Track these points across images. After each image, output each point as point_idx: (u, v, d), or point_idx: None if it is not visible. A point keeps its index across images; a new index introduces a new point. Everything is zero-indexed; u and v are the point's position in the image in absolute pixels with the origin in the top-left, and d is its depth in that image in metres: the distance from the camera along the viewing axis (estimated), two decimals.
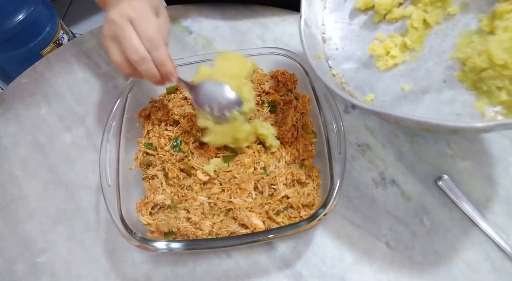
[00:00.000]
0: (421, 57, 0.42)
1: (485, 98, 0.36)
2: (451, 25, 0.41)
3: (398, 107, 0.40)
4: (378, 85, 0.43)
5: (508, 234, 0.47)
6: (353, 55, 0.46)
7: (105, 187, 0.45)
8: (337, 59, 0.47)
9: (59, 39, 1.25)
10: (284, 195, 0.47)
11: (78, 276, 0.48)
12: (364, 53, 0.46)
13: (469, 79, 0.37)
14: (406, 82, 0.41)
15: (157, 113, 0.54)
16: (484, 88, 0.36)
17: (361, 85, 0.44)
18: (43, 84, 0.67)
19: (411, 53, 0.43)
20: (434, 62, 0.41)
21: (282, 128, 0.51)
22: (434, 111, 0.38)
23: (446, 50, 0.40)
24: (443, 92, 0.39)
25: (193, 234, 0.45)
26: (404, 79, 0.42)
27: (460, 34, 0.40)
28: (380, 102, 0.42)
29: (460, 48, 0.39)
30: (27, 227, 0.52)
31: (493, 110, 0.35)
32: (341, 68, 0.46)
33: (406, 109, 0.40)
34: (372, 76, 0.44)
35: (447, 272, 0.45)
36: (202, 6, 0.73)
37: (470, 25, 0.40)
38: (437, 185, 0.50)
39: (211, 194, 0.48)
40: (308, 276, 0.46)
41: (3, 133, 0.62)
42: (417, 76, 0.41)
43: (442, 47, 0.41)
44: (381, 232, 0.48)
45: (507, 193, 0.49)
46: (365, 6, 0.47)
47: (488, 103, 0.35)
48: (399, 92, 0.41)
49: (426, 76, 0.41)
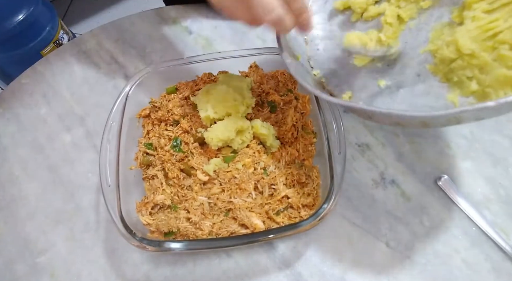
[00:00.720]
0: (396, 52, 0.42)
1: (456, 89, 0.36)
2: (425, 19, 0.41)
3: (374, 103, 0.40)
4: (355, 83, 0.43)
5: (508, 234, 0.47)
6: (332, 55, 0.47)
7: (105, 187, 0.45)
8: (318, 59, 0.47)
9: (59, 39, 1.25)
10: (284, 195, 0.47)
11: (78, 276, 0.48)
12: (342, 52, 0.46)
13: (441, 71, 0.37)
14: (382, 78, 0.41)
15: (157, 113, 0.54)
16: (455, 79, 0.36)
17: (340, 83, 0.45)
18: (43, 84, 0.67)
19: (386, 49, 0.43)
20: (409, 56, 0.41)
21: (282, 128, 0.51)
22: (409, 105, 0.38)
23: (420, 44, 0.40)
24: (416, 85, 0.39)
25: (193, 234, 0.45)
26: (380, 75, 0.42)
27: (433, 27, 0.40)
28: (357, 99, 0.42)
29: (432, 40, 0.39)
30: (27, 227, 0.52)
31: (465, 101, 0.35)
32: (321, 68, 0.47)
33: (381, 104, 0.40)
34: (350, 74, 0.44)
35: (447, 272, 0.45)
36: (202, 6, 0.73)
37: (443, 18, 0.40)
38: (437, 185, 0.50)
39: (211, 194, 0.48)
40: (308, 276, 0.46)
41: (3, 133, 0.62)
42: (392, 72, 0.41)
43: (416, 41, 0.41)
44: (381, 232, 0.48)
45: (507, 193, 0.49)
46: (343, 6, 0.47)
47: (460, 94, 0.35)
48: (375, 88, 0.41)
49: (401, 71, 0.41)
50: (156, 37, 0.70)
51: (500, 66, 0.32)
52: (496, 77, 0.32)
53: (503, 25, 0.32)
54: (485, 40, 0.33)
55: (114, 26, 0.73)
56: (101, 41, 0.71)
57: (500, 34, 0.32)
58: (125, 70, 0.66)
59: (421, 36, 0.40)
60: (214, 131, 0.49)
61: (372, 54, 0.43)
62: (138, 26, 0.72)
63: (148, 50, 0.69)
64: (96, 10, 1.77)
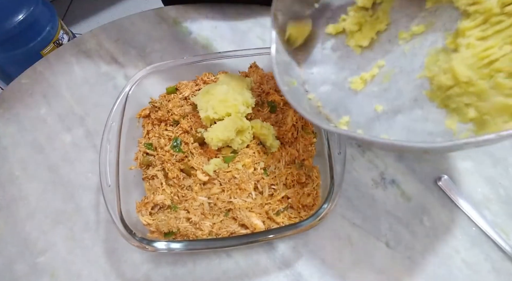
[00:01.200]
0: (392, 77, 0.42)
1: (455, 116, 0.35)
2: (419, 44, 0.41)
3: (372, 128, 0.40)
4: (352, 107, 0.43)
5: (508, 234, 0.47)
6: (327, 79, 0.46)
7: (105, 187, 0.45)
8: (313, 83, 0.47)
9: (59, 39, 1.25)
10: (284, 195, 0.47)
11: (78, 276, 0.48)
12: (338, 76, 0.46)
13: (438, 97, 0.37)
14: (379, 102, 0.41)
15: (157, 113, 0.54)
16: (452, 105, 0.36)
17: (336, 107, 0.44)
18: (43, 84, 0.67)
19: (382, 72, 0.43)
20: (405, 81, 0.41)
21: (282, 128, 0.51)
22: (407, 130, 0.38)
23: (415, 69, 0.40)
24: (414, 111, 0.38)
25: (193, 234, 0.45)
26: (377, 100, 0.42)
27: (428, 52, 0.40)
28: (354, 123, 0.42)
29: (428, 66, 0.39)
30: (27, 227, 0.52)
31: (464, 128, 0.35)
32: (317, 91, 0.46)
33: (380, 129, 0.40)
34: (347, 98, 0.44)
35: (447, 272, 0.45)
36: (202, 6, 0.73)
37: (437, 43, 0.40)
38: (437, 185, 0.50)
39: (211, 194, 0.48)
40: (308, 276, 0.46)
41: (3, 133, 0.62)
42: (389, 97, 0.41)
43: (411, 66, 0.41)
44: (381, 232, 0.48)
45: (507, 193, 0.49)
46: (336, 31, 0.47)
47: (458, 121, 0.35)
48: (372, 113, 0.41)
49: (397, 96, 0.41)
50: (156, 37, 0.70)
51: (497, 94, 0.32)
52: (494, 105, 0.32)
53: (498, 53, 0.33)
54: (481, 68, 0.33)
55: (114, 26, 0.73)
56: (101, 41, 0.71)
57: (496, 62, 0.32)
58: (125, 70, 0.66)
59: (417, 61, 0.40)
60: (214, 131, 0.49)
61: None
62: (138, 26, 0.72)
63: (148, 50, 0.69)
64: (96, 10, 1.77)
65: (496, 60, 0.32)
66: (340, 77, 0.45)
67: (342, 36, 0.47)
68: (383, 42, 0.44)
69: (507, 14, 0.33)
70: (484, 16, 0.35)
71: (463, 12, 0.37)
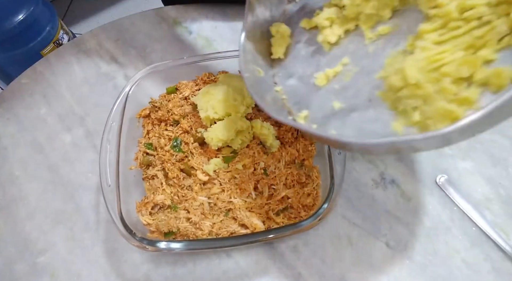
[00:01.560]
0: (354, 75, 0.42)
1: (401, 118, 0.35)
2: (383, 45, 0.41)
3: (326, 124, 0.40)
4: (313, 102, 0.43)
5: (508, 234, 0.47)
6: (295, 72, 0.47)
7: (105, 187, 0.45)
8: (282, 75, 0.47)
9: (59, 39, 1.25)
10: (284, 195, 0.47)
11: (78, 276, 0.48)
12: (305, 70, 0.46)
13: (389, 98, 0.37)
14: (337, 100, 0.41)
15: (157, 113, 0.54)
16: (400, 107, 0.35)
17: (299, 101, 0.45)
18: (43, 84, 0.67)
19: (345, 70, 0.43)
20: (364, 81, 0.41)
21: (282, 128, 0.51)
22: (359, 129, 0.38)
23: (375, 69, 0.40)
24: (368, 111, 0.38)
25: (193, 234, 0.45)
26: (336, 97, 0.42)
27: (390, 54, 0.40)
28: (312, 118, 0.42)
29: (386, 67, 0.39)
30: (27, 227, 0.52)
31: (410, 131, 0.34)
32: (284, 84, 0.47)
33: (333, 126, 0.40)
34: (310, 93, 0.44)
35: (447, 272, 0.45)
36: (202, 6, 0.73)
37: (399, 46, 0.39)
38: (437, 185, 0.50)
39: (211, 194, 0.48)
40: (308, 276, 0.46)
41: (3, 133, 0.62)
42: (347, 95, 0.41)
43: (372, 66, 0.41)
44: (381, 232, 0.48)
45: (507, 193, 0.49)
46: (309, 25, 0.48)
47: (404, 124, 0.35)
48: (330, 109, 0.41)
49: (355, 94, 0.41)
50: (156, 37, 0.70)
51: (441, 98, 0.32)
52: (437, 109, 0.31)
53: (449, 58, 0.32)
54: (430, 71, 0.33)
55: (114, 26, 0.73)
56: (101, 41, 0.71)
57: (444, 66, 0.32)
58: (125, 70, 0.66)
59: (378, 62, 0.40)
60: (214, 131, 0.49)
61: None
62: (138, 26, 0.72)
63: (148, 50, 0.69)
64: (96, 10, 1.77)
65: (445, 65, 0.32)
66: (307, 72, 0.46)
67: (315, 31, 0.47)
68: (351, 41, 0.44)
69: (465, 20, 0.33)
70: (443, 20, 0.35)
71: (425, 15, 0.38)
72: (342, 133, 0.38)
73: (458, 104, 0.31)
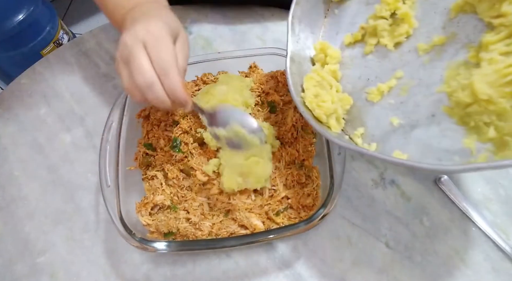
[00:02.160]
0: (411, 89, 0.40)
1: (473, 134, 0.34)
2: (439, 56, 0.39)
3: (387, 142, 0.39)
4: (368, 119, 0.42)
5: (508, 234, 0.47)
6: (344, 88, 0.45)
7: (105, 188, 0.45)
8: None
9: (59, 39, 1.25)
10: (284, 195, 0.47)
11: (78, 276, 0.48)
12: (355, 85, 0.45)
13: (457, 114, 0.35)
14: (395, 115, 0.40)
15: (156, 113, 0.54)
16: (471, 123, 0.34)
17: (352, 118, 0.43)
18: (42, 84, 0.67)
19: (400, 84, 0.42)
20: (423, 95, 0.39)
21: (282, 128, 0.51)
22: (423, 146, 0.36)
23: (435, 82, 0.38)
24: (431, 126, 0.37)
25: (193, 235, 0.45)
26: (393, 113, 0.40)
27: (448, 65, 0.38)
28: (369, 136, 0.41)
29: (447, 80, 0.37)
30: (27, 227, 0.52)
31: (483, 147, 0.33)
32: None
33: (395, 144, 0.38)
34: (363, 109, 0.43)
35: (447, 272, 0.45)
36: (202, 7, 0.73)
37: (458, 56, 0.38)
38: (437, 185, 0.50)
39: (210, 194, 0.48)
40: (308, 276, 0.46)
41: (3, 134, 0.62)
42: (406, 110, 0.40)
43: (431, 79, 0.39)
44: (380, 232, 0.48)
45: (507, 193, 0.49)
46: (354, 39, 0.46)
47: (477, 140, 0.33)
48: (388, 126, 0.40)
49: (414, 109, 0.39)
50: None
51: None
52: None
53: None
54: (502, 86, 0.31)
55: (114, 26, 0.73)
56: (101, 41, 0.71)
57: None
58: None
59: (436, 74, 0.39)
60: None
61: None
62: None
63: None
64: (96, 10, 1.77)
65: None
66: (358, 87, 0.44)
67: (361, 44, 0.46)
68: (403, 52, 0.43)
69: None
70: (510, 30, 0.33)
71: (487, 24, 0.35)
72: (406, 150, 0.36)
73: None
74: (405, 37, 0.43)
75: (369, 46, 0.45)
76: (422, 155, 0.36)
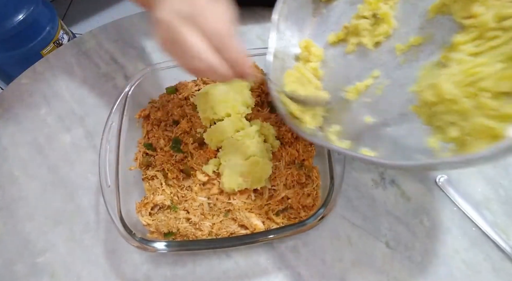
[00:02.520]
0: (385, 88, 0.41)
1: (438, 134, 0.34)
2: (416, 56, 0.40)
3: (360, 140, 0.39)
4: (345, 117, 0.43)
5: (508, 234, 0.47)
6: (326, 86, 0.46)
7: (105, 188, 0.45)
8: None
9: (59, 39, 1.25)
10: (284, 195, 0.47)
11: (78, 276, 0.48)
12: (336, 84, 0.45)
13: (424, 113, 0.36)
14: (369, 114, 0.40)
15: (156, 113, 0.54)
16: (436, 123, 0.34)
17: (330, 116, 0.44)
18: (42, 85, 0.67)
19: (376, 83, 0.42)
20: (396, 94, 0.39)
21: (282, 128, 0.51)
22: (394, 145, 0.37)
23: (409, 82, 0.39)
24: (402, 125, 0.37)
25: (193, 235, 0.45)
26: (367, 111, 0.41)
27: (423, 65, 0.38)
28: (344, 133, 0.41)
29: (420, 80, 0.37)
30: (26, 227, 0.52)
31: (446, 147, 0.33)
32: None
33: (367, 142, 0.39)
34: (341, 107, 0.44)
35: (447, 272, 0.45)
36: None
37: (433, 56, 0.38)
38: (437, 185, 0.50)
39: (210, 194, 0.48)
40: (308, 276, 0.46)
41: (3, 134, 0.62)
42: (380, 108, 0.40)
43: (405, 79, 0.39)
44: (380, 232, 0.48)
45: (507, 193, 0.49)
46: (338, 38, 0.47)
47: (440, 139, 0.33)
48: (362, 124, 0.40)
49: (388, 108, 0.39)
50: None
51: (480, 114, 0.30)
52: (475, 126, 0.30)
53: (487, 71, 0.31)
54: (467, 86, 0.31)
55: (114, 26, 0.73)
56: (101, 41, 0.71)
57: (483, 80, 0.30)
58: (125, 70, 0.66)
59: (411, 74, 0.39)
60: (214, 132, 0.49)
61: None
62: (138, 26, 0.72)
63: (148, 50, 0.68)
64: (96, 10, 1.77)
65: (484, 79, 0.30)
66: (338, 85, 0.45)
67: (344, 44, 0.46)
68: (382, 52, 0.43)
69: (503, 29, 0.32)
70: (480, 31, 0.33)
71: (460, 25, 0.36)
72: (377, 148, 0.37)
73: (499, 120, 0.29)
74: (385, 37, 0.43)
75: (351, 46, 0.46)
76: (391, 153, 0.36)
